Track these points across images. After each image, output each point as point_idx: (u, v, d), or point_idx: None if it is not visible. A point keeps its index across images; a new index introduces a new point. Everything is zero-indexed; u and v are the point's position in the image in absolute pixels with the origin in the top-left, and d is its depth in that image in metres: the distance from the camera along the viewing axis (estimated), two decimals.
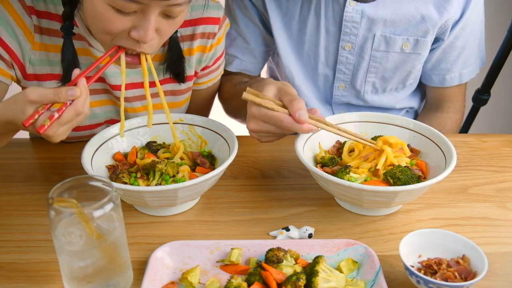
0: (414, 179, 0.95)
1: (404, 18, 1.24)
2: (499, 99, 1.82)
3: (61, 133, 0.86)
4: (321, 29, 1.28)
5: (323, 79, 1.37)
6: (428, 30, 1.26)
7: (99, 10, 0.89)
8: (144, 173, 1.00)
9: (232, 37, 1.33)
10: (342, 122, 1.12)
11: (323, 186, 0.98)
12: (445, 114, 1.42)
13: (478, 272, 0.79)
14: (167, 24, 0.93)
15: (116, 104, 1.20)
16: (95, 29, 0.96)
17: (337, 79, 1.36)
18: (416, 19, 1.24)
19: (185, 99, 1.28)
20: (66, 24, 1.01)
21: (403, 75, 1.35)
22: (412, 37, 1.27)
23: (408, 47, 1.28)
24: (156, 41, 0.95)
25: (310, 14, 1.27)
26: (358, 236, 0.95)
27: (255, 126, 1.00)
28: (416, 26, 1.25)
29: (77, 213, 0.73)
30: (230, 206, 1.04)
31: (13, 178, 1.12)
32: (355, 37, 1.27)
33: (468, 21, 1.27)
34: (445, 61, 1.34)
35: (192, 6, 1.16)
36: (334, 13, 1.26)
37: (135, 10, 0.88)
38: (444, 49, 1.32)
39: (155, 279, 0.82)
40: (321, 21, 1.27)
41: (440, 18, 1.24)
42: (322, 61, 1.34)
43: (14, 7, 1.03)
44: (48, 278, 0.85)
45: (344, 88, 1.37)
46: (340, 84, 1.36)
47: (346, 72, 1.34)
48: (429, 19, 1.24)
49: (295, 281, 0.77)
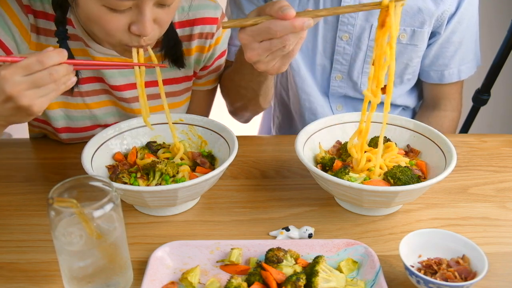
0: (414, 179, 0.95)
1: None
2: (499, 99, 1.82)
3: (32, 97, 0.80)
4: (320, 19, 1.28)
5: (320, 69, 1.38)
6: (424, 21, 1.28)
7: (95, 12, 0.89)
8: (144, 173, 1.00)
9: (238, 29, 1.31)
10: (342, 122, 1.12)
11: (323, 186, 0.98)
12: (442, 113, 1.43)
13: (478, 272, 0.79)
14: (164, 13, 0.93)
15: (116, 105, 1.20)
16: (97, 34, 0.96)
17: (334, 69, 1.37)
18: (413, 9, 1.26)
19: (184, 99, 1.28)
20: (60, 29, 1.00)
21: (400, 68, 1.36)
22: (409, 28, 1.28)
23: (405, 38, 1.30)
24: (157, 31, 0.95)
25: (309, 4, 1.28)
26: (358, 236, 0.95)
27: (252, 52, 0.92)
28: (413, 16, 1.27)
29: (77, 213, 0.73)
30: (230, 206, 1.04)
31: (13, 178, 1.12)
32: (353, 27, 1.29)
33: (463, 15, 1.29)
34: (442, 57, 1.35)
35: (190, 6, 1.16)
36: (332, 2, 1.27)
37: (130, 6, 0.88)
38: (441, 44, 1.34)
39: (155, 279, 0.82)
40: None
41: (436, 9, 1.27)
42: (320, 51, 1.35)
43: (11, 5, 1.02)
44: (48, 278, 0.85)
45: (341, 79, 1.38)
46: (337, 74, 1.37)
47: (343, 63, 1.35)
48: (425, 9, 1.26)
49: (295, 281, 0.77)
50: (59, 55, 0.81)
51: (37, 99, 0.80)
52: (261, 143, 1.30)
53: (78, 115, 1.18)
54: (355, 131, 1.01)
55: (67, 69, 0.82)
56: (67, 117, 1.18)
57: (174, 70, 1.18)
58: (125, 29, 0.92)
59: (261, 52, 0.92)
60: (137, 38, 0.93)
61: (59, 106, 1.16)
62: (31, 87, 0.79)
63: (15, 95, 0.78)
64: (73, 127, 1.20)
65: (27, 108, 0.80)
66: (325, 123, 1.11)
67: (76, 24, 1.07)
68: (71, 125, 1.19)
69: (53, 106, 1.15)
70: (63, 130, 1.20)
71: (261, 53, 0.92)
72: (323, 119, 1.11)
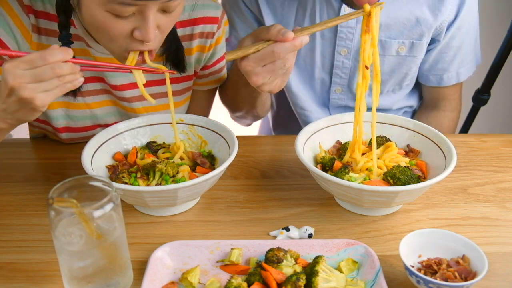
0: (414, 179, 0.95)
1: (399, 22, 1.24)
2: (499, 99, 1.82)
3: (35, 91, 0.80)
4: (317, 35, 1.28)
5: (320, 83, 1.38)
6: (423, 33, 1.26)
7: (99, 18, 0.89)
8: (144, 173, 1.00)
9: (233, 44, 1.33)
10: (341, 122, 1.12)
11: (323, 186, 0.98)
12: (442, 113, 1.43)
13: (478, 272, 0.79)
14: (166, 19, 0.94)
15: (116, 105, 1.20)
16: (100, 39, 0.97)
17: (333, 83, 1.36)
18: (411, 22, 1.25)
19: (184, 99, 1.28)
20: (63, 34, 1.00)
21: (399, 77, 1.36)
22: (408, 40, 1.27)
23: (403, 50, 1.29)
24: (159, 36, 0.96)
25: (305, 20, 1.27)
26: (358, 236, 0.95)
27: (257, 77, 0.98)
28: (411, 29, 1.25)
29: (77, 213, 0.73)
30: (230, 206, 1.04)
31: (13, 178, 1.12)
32: (351, 42, 1.28)
33: (463, 21, 1.28)
34: (442, 62, 1.34)
35: (190, 6, 1.16)
36: (329, 18, 1.24)
37: (133, 12, 0.89)
38: (440, 49, 1.32)
39: (155, 279, 0.82)
40: None
41: (435, 21, 1.25)
42: (319, 66, 1.34)
43: (12, 5, 1.02)
44: (48, 278, 0.85)
45: (341, 91, 1.37)
46: (337, 88, 1.37)
47: (342, 76, 1.34)
48: (424, 21, 1.25)
49: (295, 281, 0.77)
50: (62, 53, 0.82)
51: (40, 93, 0.81)
52: (261, 143, 1.30)
53: (78, 115, 1.18)
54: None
55: (72, 67, 0.83)
56: (67, 117, 1.18)
57: (173, 70, 1.18)
58: (128, 34, 0.92)
59: (265, 75, 0.98)
60: (139, 43, 0.93)
61: (59, 106, 1.16)
62: (33, 80, 0.80)
63: (17, 86, 0.79)
64: (74, 127, 1.20)
65: (29, 101, 0.81)
66: (325, 123, 1.11)
67: (78, 25, 1.07)
68: (71, 125, 1.19)
69: (54, 105, 1.15)
70: (63, 130, 1.19)
71: (265, 76, 0.98)
72: (323, 119, 1.11)
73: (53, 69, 0.81)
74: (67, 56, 0.82)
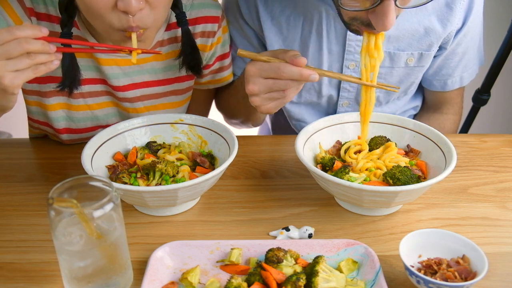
0: (414, 179, 0.95)
1: (407, 33, 1.22)
2: (499, 99, 1.82)
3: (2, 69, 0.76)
4: (324, 50, 1.25)
5: (327, 99, 1.36)
6: (432, 44, 1.24)
7: None
8: (144, 173, 1.00)
9: (232, 57, 1.32)
10: (342, 122, 1.12)
11: (323, 186, 0.98)
12: (444, 116, 1.42)
13: (478, 272, 0.79)
14: None
15: (117, 106, 1.20)
16: (94, 24, 0.96)
17: (341, 97, 1.34)
18: (419, 33, 1.22)
19: (186, 98, 1.28)
20: (64, 31, 1.00)
21: (406, 86, 1.34)
22: (417, 51, 1.25)
23: (412, 61, 1.27)
24: (147, 12, 0.94)
25: (311, 36, 1.24)
26: (358, 236, 0.95)
27: (253, 85, 0.98)
28: (420, 40, 1.23)
29: (77, 213, 0.73)
30: (230, 206, 1.04)
31: (13, 178, 1.12)
32: (359, 55, 1.26)
33: (469, 28, 1.26)
34: (446, 67, 1.33)
35: (191, 5, 1.16)
36: (337, 33, 1.23)
37: None
38: (446, 56, 1.30)
39: (155, 279, 0.82)
40: (323, 42, 1.24)
41: (444, 31, 1.23)
42: (326, 83, 1.31)
43: (14, 8, 1.02)
44: (48, 278, 0.85)
45: (348, 104, 1.36)
46: (344, 102, 1.35)
47: (350, 90, 1.32)
48: (432, 32, 1.22)
49: (295, 281, 0.77)
50: (32, 29, 0.78)
51: (9, 72, 0.77)
52: (261, 143, 1.30)
53: (79, 117, 1.18)
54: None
55: (43, 45, 0.79)
56: (68, 118, 1.18)
57: (178, 69, 1.18)
58: (113, 6, 0.90)
59: (262, 88, 0.98)
60: (126, 18, 0.92)
61: (60, 107, 1.16)
62: (1, 58, 0.76)
63: None
64: (74, 128, 1.20)
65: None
66: (325, 123, 1.11)
67: (81, 26, 1.07)
68: (72, 126, 1.19)
69: (55, 107, 1.15)
70: (64, 131, 1.20)
71: (261, 89, 0.98)
72: (323, 119, 1.11)
73: (20, 43, 0.76)
74: (38, 33, 0.78)
